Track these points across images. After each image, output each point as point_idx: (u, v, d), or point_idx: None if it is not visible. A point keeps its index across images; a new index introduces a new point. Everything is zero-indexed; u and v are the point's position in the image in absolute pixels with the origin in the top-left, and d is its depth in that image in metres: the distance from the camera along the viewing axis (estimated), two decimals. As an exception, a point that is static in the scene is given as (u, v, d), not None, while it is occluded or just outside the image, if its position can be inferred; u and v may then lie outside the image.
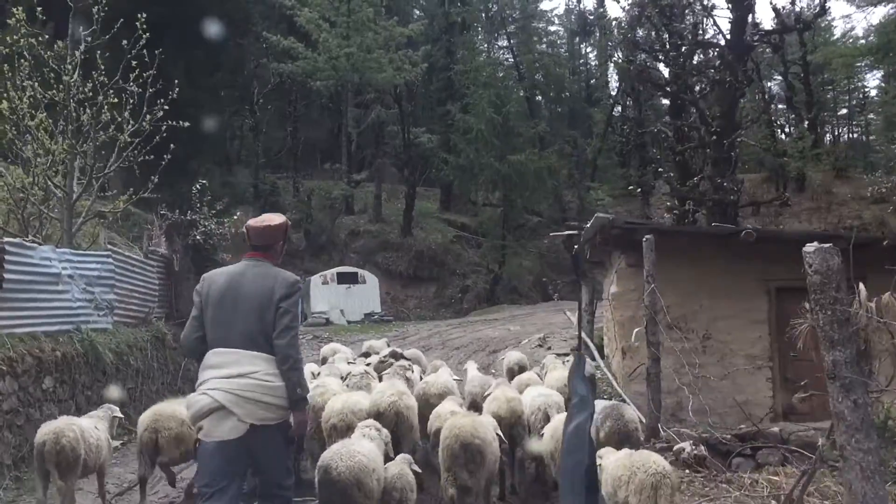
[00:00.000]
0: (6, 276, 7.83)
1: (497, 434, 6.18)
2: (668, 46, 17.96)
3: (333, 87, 37.07)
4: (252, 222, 4.59)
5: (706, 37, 21.15)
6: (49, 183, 10.97)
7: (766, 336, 10.46)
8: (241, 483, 4.47)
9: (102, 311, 10.14)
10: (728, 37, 16.72)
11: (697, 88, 18.68)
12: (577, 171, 39.45)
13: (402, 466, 5.41)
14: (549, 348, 18.35)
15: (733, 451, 7.87)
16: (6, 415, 7.27)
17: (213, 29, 30.33)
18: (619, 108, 49.93)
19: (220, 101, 34.20)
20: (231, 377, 4.18)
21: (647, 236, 8.25)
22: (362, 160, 45.52)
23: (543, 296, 39.25)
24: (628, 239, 10.71)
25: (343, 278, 26.41)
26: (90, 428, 6.16)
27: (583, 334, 10.59)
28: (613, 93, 51.40)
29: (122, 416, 7.30)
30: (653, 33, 21.66)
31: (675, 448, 7.36)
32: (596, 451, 4.72)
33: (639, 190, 38.44)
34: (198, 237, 13.71)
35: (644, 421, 8.34)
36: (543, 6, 59.30)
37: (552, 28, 60.63)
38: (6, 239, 8.07)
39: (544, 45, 51.50)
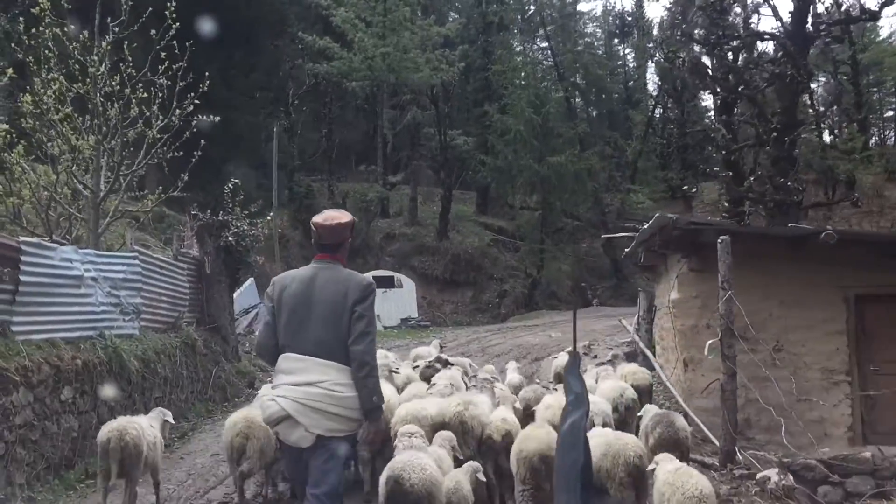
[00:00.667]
0: (22, 278, 7.25)
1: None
2: (722, 38, 16.92)
3: (369, 87, 36.57)
4: (319, 220, 4.37)
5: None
6: (75, 181, 10.46)
7: (843, 348, 9.53)
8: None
9: (128, 315, 9.56)
10: (788, 27, 15.72)
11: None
12: (617, 173, 38.35)
13: (459, 478, 5.26)
14: (595, 356, 17.49)
15: (819, 479, 7.03)
16: (19, 429, 6.66)
17: (249, 30, 30.16)
18: (660, 110, 48.76)
19: (255, 102, 33.93)
20: (299, 385, 4.10)
21: (723, 237, 7.42)
22: (398, 162, 44.94)
23: (583, 301, 38.32)
24: (690, 241, 9.89)
25: (379, 282, 25.54)
26: (148, 426, 6.37)
27: (641, 343, 9.75)
28: (653, 94, 50.20)
29: (173, 421, 7.33)
30: (697, 31, 20.73)
31: (758, 477, 6.54)
32: (590, 450, 4.70)
33: (693, 190, 37.22)
34: (230, 238, 13.11)
35: (717, 442, 7.52)
36: (581, 7, 58.61)
37: (588, 30, 59.74)
38: (22, 238, 7.49)
39: (580, 47, 50.50)
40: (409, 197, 40.34)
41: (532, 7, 47.95)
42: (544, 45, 50.99)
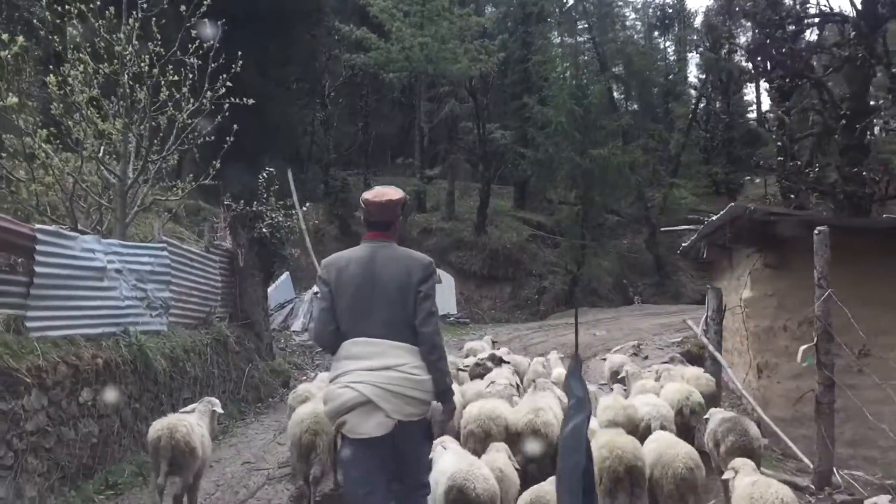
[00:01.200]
0: (37, 269, 6.63)
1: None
2: (786, 20, 15.82)
3: (406, 79, 35.87)
4: (370, 196, 4.25)
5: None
6: (102, 168, 9.87)
7: (941, 353, 8.57)
8: (391, 485, 4.14)
9: (155, 310, 8.94)
10: (859, 8, 14.62)
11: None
12: (661, 167, 37.16)
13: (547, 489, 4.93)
14: (646, 357, 16.63)
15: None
16: (31, 436, 6.03)
17: (285, 20, 29.63)
18: (703, 102, 47.30)
19: (290, 94, 33.38)
20: (376, 369, 3.95)
21: (820, 228, 6.48)
22: (434, 156, 44.18)
23: (624, 298, 37.27)
24: (764, 234, 8.99)
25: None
26: (196, 423, 6.18)
27: (711, 346, 8.87)
28: (696, 86, 48.77)
29: (222, 411, 7.15)
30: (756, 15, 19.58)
31: (865, 503, 5.65)
32: (592, 454, 4.55)
33: (742, 183, 35.81)
34: (264, 230, 12.44)
35: (811, 464, 6.63)
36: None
37: (628, 22, 58.41)
38: (38, 226, 6.87)
39: (622, 38, 49.30)
40: (447, 191, 39.57)
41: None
42: (581, 38, 50.07)
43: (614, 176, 31.62)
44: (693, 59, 52.80)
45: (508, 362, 9.45)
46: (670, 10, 56.00)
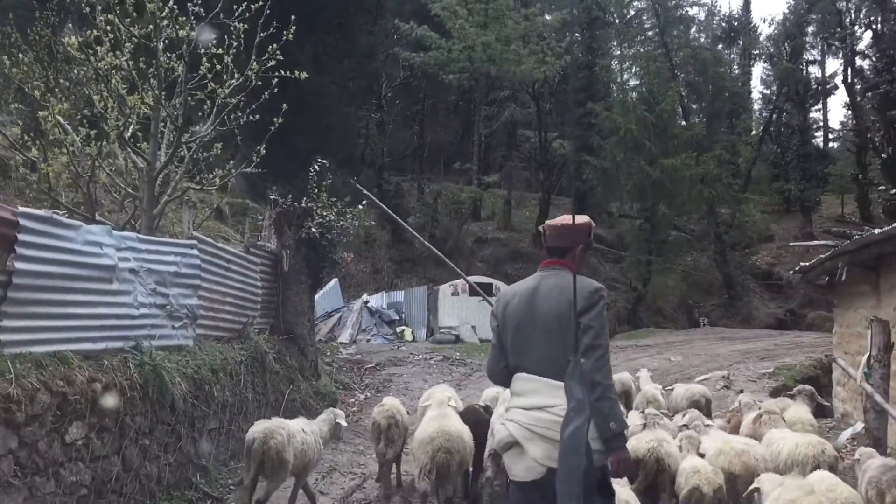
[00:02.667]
0: (18, 265, 5.05)
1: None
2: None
3: (467, 80, 34.27)
4: (550, 221, 4.01)
5: None
6: (128, 149, 8.38)
7: None
8: None
9: (180, 321, 7.34)
10: None
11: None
12: (735, 180, 34.82)
13: None
14: (741, 391, 14.50)
15: None
16: (-12, 492, 4.43)
17: (344, 15, 28.34)
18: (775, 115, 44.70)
19: (346, 93, 31.97)
20: (528, 409, 3.70)
21: None
22: (491, 163, 42.37)
23: (689, 320, 34.99)
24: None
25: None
26: (298, 431, 6.17)
27: (877, 395, 6.90)
28: (772, 97, 46.16)
29: (345, 424, 7.15)
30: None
31: None
32: (592, 455, 3.93)
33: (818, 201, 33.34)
34: (313, 230, 10.83)
35: None
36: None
37: (692, 34, 55.94)
38: (22, 209, 5.28)
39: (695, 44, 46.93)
40: (504, 199, 37.84)
41: (634, 6, 44.82)
42: (650, 47, 47.66)
43: (686, 188, 29.44)
44: (757, 71, 50.22)
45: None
46: (735, 22, 53.46)
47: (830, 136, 51.54)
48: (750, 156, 41.06)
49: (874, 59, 33.85)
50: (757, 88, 51.88)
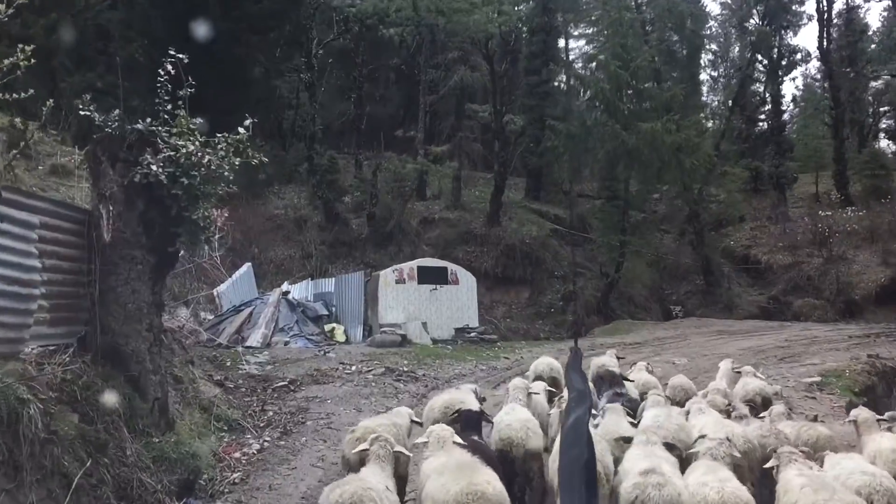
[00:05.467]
0: None
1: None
2: None
3: (410, 34, 29.62)
4: None
5: None
6: None
7: None
8: None
9: None
10: None
11: None
12: (714, 152, 30.94)
13: None
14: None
15: None
16: None
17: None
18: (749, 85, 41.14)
19: (267, 44, 26.84)
20: None
21: None
22: (437, 135, 37.66)
23: (662, 309, 31.11)
24: None
25: (426, 276, 18.27)
26: (383, 489, 4.93)
27: None
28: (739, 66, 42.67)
29: (418, 420, 6.64)
30: None
31: None
32: (593, 446, 4.38)
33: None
34: (154, 168, 6.09)
35: None
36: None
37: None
38: None
39: None
40: (453, 175, 33.26)
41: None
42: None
43: (666, 157, 25.40)
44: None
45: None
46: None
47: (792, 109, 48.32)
48: (719, 129, 37.51)
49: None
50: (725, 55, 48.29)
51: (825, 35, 37.40)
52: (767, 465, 5.55)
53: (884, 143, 47.41)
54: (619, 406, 6.86)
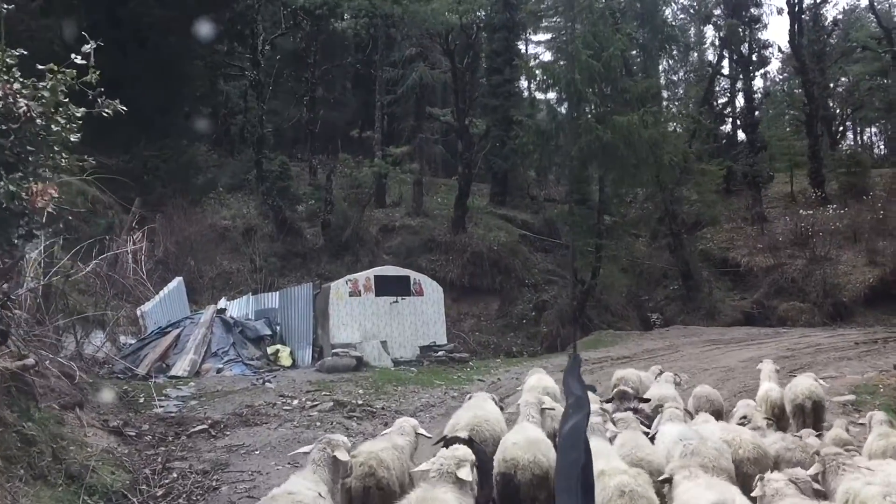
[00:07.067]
0: None
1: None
2: None
3: (364, 27, 27.42)
4: None
5: None
6: None
7: None
8: None
9: None
10: None
11: None
12: (692, 150, 29.17)
13: None
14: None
15: None
16: None
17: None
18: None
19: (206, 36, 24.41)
20: None
21: None
22: (396, 136, 35.38)
23: (640, 317, 29.17)
24: None
25: (385, 286, 15.81)
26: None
27: None
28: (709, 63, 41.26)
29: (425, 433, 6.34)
30: None
31: None
32: (590, 451, 4.16)
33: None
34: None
35: None
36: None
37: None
38: None
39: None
40: (414, 180, 31.05)
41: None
42: None
43: (644, 153, 23.52)
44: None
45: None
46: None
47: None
48: (691, 126, 35.94)
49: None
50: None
51: (796, 29, 36.06)
52: (811, 472, 5.13)
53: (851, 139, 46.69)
54: (632, 416, 6.41)
